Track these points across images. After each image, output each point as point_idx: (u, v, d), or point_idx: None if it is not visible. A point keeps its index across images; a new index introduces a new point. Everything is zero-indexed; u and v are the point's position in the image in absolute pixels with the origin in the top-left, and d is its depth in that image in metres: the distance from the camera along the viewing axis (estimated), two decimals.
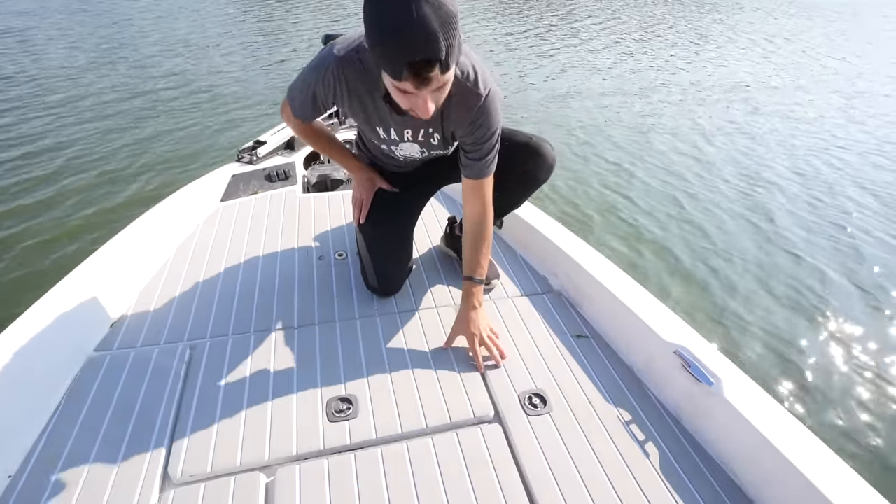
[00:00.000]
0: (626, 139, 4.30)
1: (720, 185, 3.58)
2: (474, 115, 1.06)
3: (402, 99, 0.88)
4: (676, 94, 5.76)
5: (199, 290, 1.43)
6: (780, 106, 5.46)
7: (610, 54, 7.62)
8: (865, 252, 2.84)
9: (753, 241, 2.91)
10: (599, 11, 11.90)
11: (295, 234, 1.70)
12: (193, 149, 3.63)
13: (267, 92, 5.00)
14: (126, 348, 1.22)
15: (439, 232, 1.69)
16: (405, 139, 1.18)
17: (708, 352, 1.08)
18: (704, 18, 12.07)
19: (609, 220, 3.03)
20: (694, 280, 2.54)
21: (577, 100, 5.34)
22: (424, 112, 0.87)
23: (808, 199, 3.43)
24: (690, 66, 7.16)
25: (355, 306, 1.38)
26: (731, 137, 4.52)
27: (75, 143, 3.59)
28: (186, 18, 8.51)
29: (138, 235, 1.51)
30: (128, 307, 1.35)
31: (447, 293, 1.44)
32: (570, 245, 1.48)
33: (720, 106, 5.41)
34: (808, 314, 2.36)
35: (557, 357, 1.23)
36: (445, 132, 1.15)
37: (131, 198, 2.93)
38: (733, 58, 7.90)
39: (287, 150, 2.25)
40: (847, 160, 4.11)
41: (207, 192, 1.88)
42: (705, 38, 9.94)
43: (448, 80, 0.86)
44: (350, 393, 1.10)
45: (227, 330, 1.28)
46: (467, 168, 1.15)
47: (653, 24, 10.95)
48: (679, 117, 4.97)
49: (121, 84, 4.92)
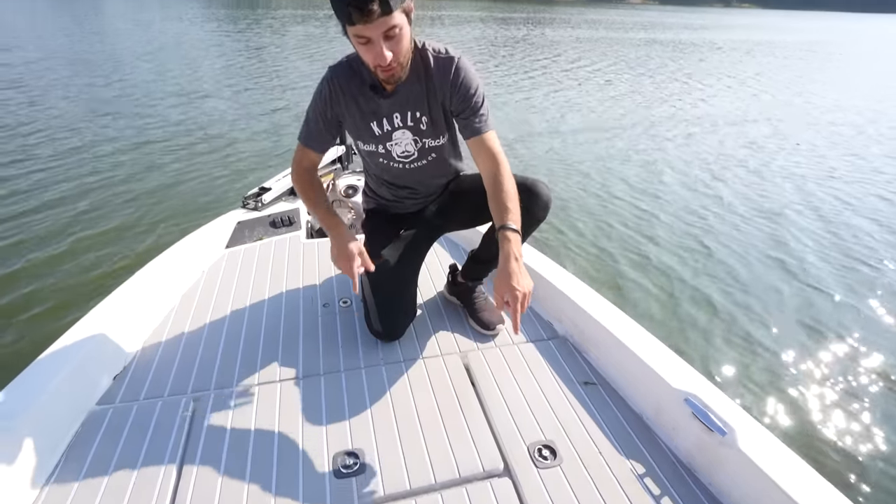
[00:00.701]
0: (621, 176, 4.36)
1: (728, 220, 3.57)
2: (453, 75, 1.17)
3: (365, 52, 1.03)
4: (674, 129, 5.92)
5: (204, 339, 1.42)
6: (766, 137, 5.63)
7: (602, 94, 7.87)
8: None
9: (766, 281, 2.83)
10: (587, 54, 12.35)
11: (299, 281, 1.70)
12: (198, 196, 3.64)
13: (270, 137, 5.08)
14: (129, 401, 1.20)
15: (443, 279, 1.70)
16: (396, 126, 1.23)
17: (719, 399, 1.07)
18: (689, 58, 12.54)
19: (611, 262, 3.00)
20: (699, 323, 2.45)
21: (574, 138, 5.46)
22: (381, 57, 1.01)
23: (824, 237, 3.40)
24: (681, 103, 7.40)
25: (360, 355, 1.37)
26: (734, 171, 4.61)
27: (82, 197, 3.53)
28: (185, 68, 8.72)
29: (144, 284, 1.51)
30: (132, 358, 1.34)
31: (452, 341, 1.44)
32: (574, 290, 1.48)
33: (715, 139, 5.57)
34: (823, 358, 2.25)
35: (565, 405, 1.22)
36: (433, 111, 1.22)
37: (138, 247, 2.91)
38: (723, 93, 8.19)
39: (291, 196, 2.28)
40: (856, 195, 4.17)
41: (213, 238, 1.89)
42: (691, 76, 10.32)
43: (396, 25, 0.99)
44: (357, 446, 1.08)
45: (232, 381, 1.27)
46: (466, 128, 1.21)
47: (637, 65, 11.35)
48: (675, 152, 5.08)
49: (121, 135, 4.94)
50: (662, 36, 19.45)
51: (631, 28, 23.31)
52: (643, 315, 2.48)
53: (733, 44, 17.54)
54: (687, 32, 22.40)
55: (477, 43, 14.04)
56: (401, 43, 1.03)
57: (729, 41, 18.93)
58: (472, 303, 1.48)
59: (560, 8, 49.46)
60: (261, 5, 29.48)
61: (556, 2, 74.85)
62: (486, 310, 1.47)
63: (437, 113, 1.23)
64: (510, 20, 24.95)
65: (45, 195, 3.56)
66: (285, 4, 32.61)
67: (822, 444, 1.84)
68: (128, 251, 2.85)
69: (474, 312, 1.47)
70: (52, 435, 1.07)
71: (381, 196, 1.46)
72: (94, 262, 2.74)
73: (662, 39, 17.82)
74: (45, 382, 1.10)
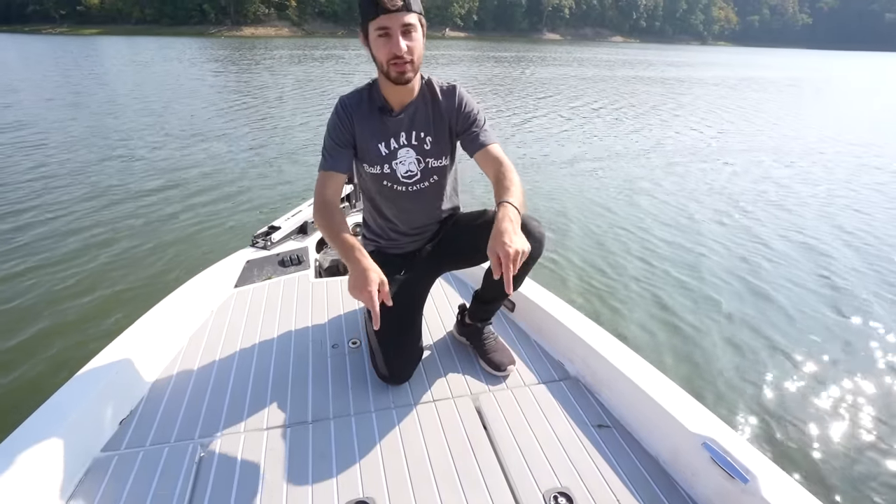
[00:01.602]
0: (629, 211, 4.38)
1: (744, 254, 3.52)
2: (457, 99, 1.33)
3: (383, 45, 1.14)
4: (691, 163, 6.01)
5: (212, 382, 1.40)
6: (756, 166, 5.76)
7: (596, 128, 8.07)
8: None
9: (787, 318, 2.74)
10: (585, 91, 12.69)
11: (308, 321, 1.70)
12: (208, 235, 3.61)
13: (279, 175, 5.13)
14: (135, 447, 1.18)
15: (452, 318, 1.69)
16: (402, 144, 1.32)
17: (739, 444, 1.05)
18: (684, 96, 12.92)
19: (619, 299, 2.90)
20: (714, 362, 2.35)
21: (573, 168, 5.54)
22: (398, 47, 1.13)
23: (846, 271, 3.33)
24: (676, 135, 7.57)
25: (370, 398, 1.35)
26: (748, 205, 4.60)
27: (90, 238, 3.48)
28: (188, 108, 8.90)
29: (152, 325, 1.51)
30: (139, 402, 1.32)
31: (463, 382, 1.42)
32: (584, 329, 1.47)
33: (727, 171, 5.68)
34: (851, 400, 2.15)
35: (580, 449, 1.19)
36: (438, 131, 1.33)
37: (148, 287, 2.87)
38: (726, 126, 8.43)
39: (300, 235, 2.30)
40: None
41: (222, 278, 1.89)
42: (683, 107, 10.64)
43: (413, 24, 1.13)
44: (368, 495, 1.06)
45: (240, 426, 1.25)
46: (472, 143, 1.32)
47: (626, 102, 11.69)
48: (677, 182, 5.15)
49: (129, 176, 4.94)
50: (648, 74, 20.16)
51: (618, 66, 24.14)
52: (654, 354, 2.42)
53: (718, 79, 18.20)
54: (673, 70, 23.23)
55: (470, 81, 14.46)
56: (415, 42, 1.16)
57: (714, 77, 19.65)
58: (482, 344, 1.48)
59: (546, 46, 51.14)
60: (259, 46, 30.27)
61: (542, 40, 77.51)
62: (496, 350, 1.46)
63: (441, 134, 1.34)
64: (502, 59, 25.78)
65: (50, 236, 3.55)
66: (282, 45, 33.58)
67: (852, 493, 1.73)
68: (137, 292, 2.83)
69: (484, 353, 1.46)
70: (55, 485, 1.04)
71: (379, 236, 1.48)
72: (102, 304, 2.72)
73: (651, 77, 18.45)
74: (49, 429, 1.09)
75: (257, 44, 36.57)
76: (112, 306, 2.68)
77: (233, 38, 50.17)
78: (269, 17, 65.32)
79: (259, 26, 63.38)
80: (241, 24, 62.21)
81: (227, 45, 33.70)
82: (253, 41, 43.13)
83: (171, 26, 60.37)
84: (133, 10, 62.05)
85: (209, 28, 59.91)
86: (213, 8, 61.98)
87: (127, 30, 57.92)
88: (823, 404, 2.13)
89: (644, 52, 47.49)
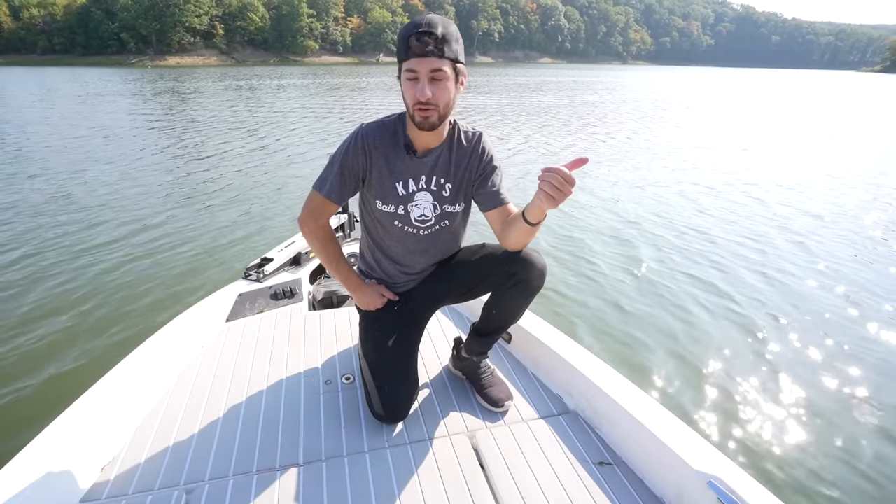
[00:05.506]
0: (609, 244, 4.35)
1: (746, 283, 3.36)
2: (480, 147, 1.30)
3: (410, 88, 1.12)
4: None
5: (200, 423, 1.33)
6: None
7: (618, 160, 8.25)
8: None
9: (793, 350, 2.60)
10: (600, 120, 12.47)
11: (301, 357, 1.64)
12: (200, 269, 3.45)
13: (275, 207, 4.94)
14: (116, 496, 1.10)
15: (448, 351, 1.64)
16: (420, 187, 1.28)
17: (746, 483, 1.01)
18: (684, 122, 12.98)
19: (619, 334, 2.74)
20: (718, 397, 2.24)
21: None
22: (422, 93, 1.10)
23: (846, 302, 3.12)
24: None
25: (364, 437, 1.30)
26: (740, 228, 4.45)
27: (79, 272, 3.30)
28: (180, 140, 8.51)
29: (139, 363, 1.43)
30: (122, 446, 1.24)
31: (459, 419, 1.38)
32: (583, 361, 1.44)
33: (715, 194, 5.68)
34: (860, 434, 2.02)
35: (581, 489, 1.15)
36: (457, 178, 1.29)
37: (139, 322, 2.71)
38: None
39: (293, 267, 2.23)
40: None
41: (213, 312, 1.82)
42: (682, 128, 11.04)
43: (443, 70, 1.10)
44: None
45: (228, 470, 1.18)
46: (489, 200, 1.28)
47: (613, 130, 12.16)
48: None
49: (122, 206, 4.74)
50: (582, 97, 21.09)
51: (551, 89, 25.18)
52: (656, 389, 2.31)
53: (648, 98, 19.31)
54: (605, 91, 24.48)
55: None
56: (443, 91, 1.12)
57: (650, 96, 20.85)
58: (479, 378, 1.45)
59: (483, 69, 52.76)
60: (200, 76, 29.08)
61: (476, 63, 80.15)
62: (493, 385, 1.44)
63: (460, 181, 1.30)
64: None
65: (39, 270, 3.34)
66: (225, 75, 32.42)
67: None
68: (127, 329, 2.67)
69: (481, 388, 1.43)
70: None
71: (375, 270, 1.43)
72: (91, 340, 2.55)
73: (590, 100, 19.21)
74: (24, 479, 1.00)
75: (197, 73, 34.92)
76: (101, 344, 2.52)
77: (157, 67, 47.91)
78: (196, 45, 63.01)
79: (185, 55, 60.87)
80: (165, 54, 59.38)
81: (157, 75, 32.08)
82: (182, 70, 41.40)
83: (83, 56, 56.85)
84: (38, 39, 57.80)
85: (129, 58, 56.61)
86: (133, 37, 58.77)
87: (33, 60, 53.93)
88: (835, 438, 2.02)
89: (572, 71, 49.47)
